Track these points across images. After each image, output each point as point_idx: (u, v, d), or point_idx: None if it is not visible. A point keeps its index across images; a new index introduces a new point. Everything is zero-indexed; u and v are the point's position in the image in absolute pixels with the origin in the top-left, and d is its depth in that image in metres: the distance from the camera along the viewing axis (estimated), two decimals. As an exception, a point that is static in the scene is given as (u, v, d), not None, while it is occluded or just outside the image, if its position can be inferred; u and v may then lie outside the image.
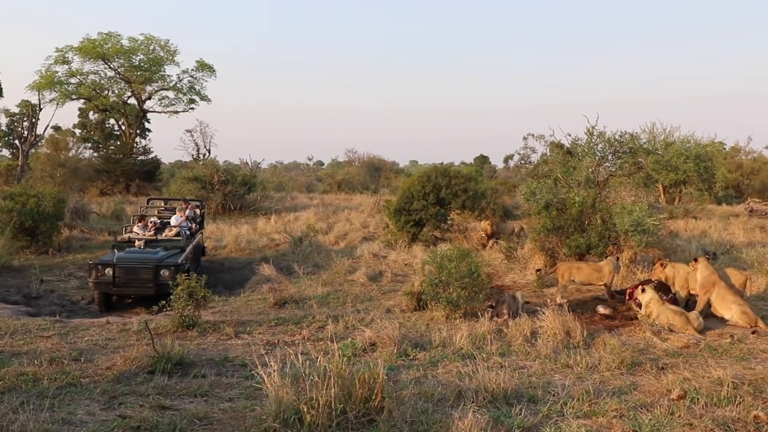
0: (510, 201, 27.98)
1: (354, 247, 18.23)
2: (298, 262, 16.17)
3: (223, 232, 20.96)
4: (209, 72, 43.36)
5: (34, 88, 39.52)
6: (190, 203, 17.20)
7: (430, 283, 10.16)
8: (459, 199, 18.75)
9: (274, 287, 12.54)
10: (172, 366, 6.89)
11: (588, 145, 14.48)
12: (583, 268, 11.52)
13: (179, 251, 13.24)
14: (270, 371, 5.46)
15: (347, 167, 54.86)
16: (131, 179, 36.44)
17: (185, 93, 43.04)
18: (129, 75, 40.64)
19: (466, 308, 9.85)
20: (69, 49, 39.38)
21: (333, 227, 21.84)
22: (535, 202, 14.63)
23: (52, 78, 39.22)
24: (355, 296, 12.18)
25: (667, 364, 7.37)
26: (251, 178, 29.52)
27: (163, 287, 11.60)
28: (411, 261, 15.78)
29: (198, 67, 43.01)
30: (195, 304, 9.36)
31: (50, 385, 6.29)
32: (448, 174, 19.26)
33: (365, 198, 33.86)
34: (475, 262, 10.33)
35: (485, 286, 10.25)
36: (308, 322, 9.70)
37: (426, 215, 18.08)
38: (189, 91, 43.10)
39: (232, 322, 9.44)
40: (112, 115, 43.31)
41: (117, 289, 12.26)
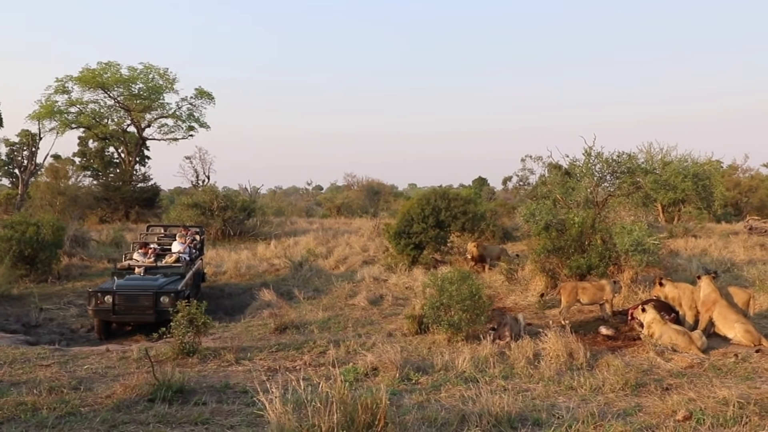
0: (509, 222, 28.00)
1: (354, 271, 18.19)
2: (298, 286, 16.12)
3: (223, 258, 20.92)
4: (208, 99, 43.69)
5: (34, 117, 39.76)
6: (189, 229, 17.19)
7: (432, 306, 10.13)
8: (458, 222, 18.76)
9: (275, 312, 12.51)
10: (173, 394, 6.83)
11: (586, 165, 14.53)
12: (588, 287, 11.49)
13: (179, 278, 13.21)
14: (271, 398, 5.42)
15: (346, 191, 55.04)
16: (131, 206, 36.46)
17: (184, 120, 43.29)
18: (128, 103, 40.92)
19: (468, 331, 9.81)
20: (69, 79, 39.71)
21: (333, 251, 21.81)
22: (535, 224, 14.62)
23: (52, 107, 39.47)
24: (356, 320, 12.13)
25: (672, 384, 7.31)
26: (250, 203, 29.55)
27: (163, 314, 11.54)
28: (411, 284, 15.74)
29: (197, 95, 43.34)
30: (195, 330, 9.31)
31: (49, 415, 6.23)
32: (447, 196, 19.29)
33: (365, 222, 33.86)
34: (476, 285, 10.30)
35: (486, 308, 10.20)
36: (309, 347, 9.64)
37: (426, 238, 18.07)
38: (188, 119, 43.36)
39: (232, 348, 9.38)
40: (112, 143, 43.53)
41: (117, 316, 12.20)
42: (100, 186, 38.67)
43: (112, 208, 36.46)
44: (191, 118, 43.40)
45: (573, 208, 14.71)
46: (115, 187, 37.25)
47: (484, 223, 21.21)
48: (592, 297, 11.44)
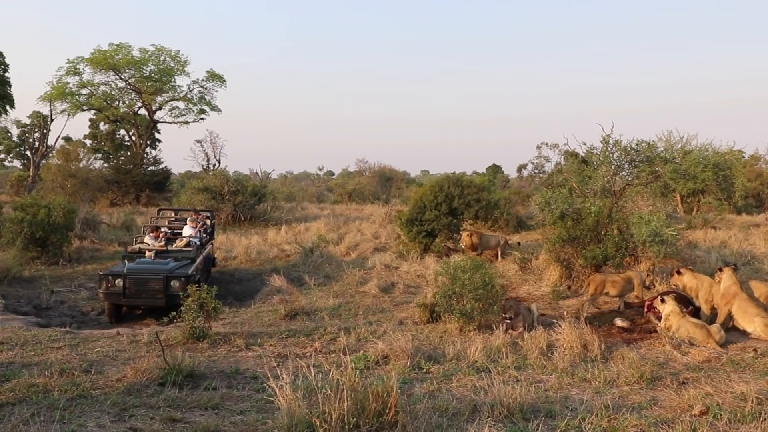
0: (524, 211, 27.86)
1: (365, 258, 18.22)
2: (308, 273, 16.18)
3: (234, 243, 21.01)
4: (219, 82, 43.70)
5: (46, 99, 40.02)
6: (200, 214, 17.26)
7: (444, 294, 10.13)
8: (472, 209, 18.72)
9: (285, 299, 12.56)
10: (183, 378, 6.88)
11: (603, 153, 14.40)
12: (617, 280, 11.43)
13: (189, 262, 13.27)
14: (282, 384, 5.44)
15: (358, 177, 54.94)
16: (141, 190, 36.64)
17: (195, 103, 43.37)
18: (139, 86, 41.02)
19: (481, 320, 9.80)
20: (80, 60, 39.87)
21: (344, 238, 21.84)
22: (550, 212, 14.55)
23: (63, 89, 39.69)
24: (367, 308, 12.16)
25: (688, 378, 7.27)
26: (261, 188, 29.60)
27: (174, 298, 11.61)
28: (423, 272, 15.75)
29: (208, 78, 43.36)
30: (205, 315, 9.37)
31: (60, 397, 6.30)
32: (461, 183, 19.25)
33: (376, 208, 33.86)
34: (489, 273, 10.28)
35: (499, 297, 10.18)
36: (320, 334, 9.69)
37: (438, 225, 18.04)
38: (199, 102, 43.43)
39: (242, 333, 9.44)
40: (123, 126, 43.74)
41: (127, 300, 12.30)
42: (111, 169, 38.88)
43: (123, 191, 36.65)
44: (202, 101, 43.49)
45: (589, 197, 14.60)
46: (126, 170, 37.44)
47: (497, 211, 21.18)
48: (620, 289, 11.40)
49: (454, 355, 8.10)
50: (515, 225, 23.56)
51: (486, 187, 21.13)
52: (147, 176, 37.85)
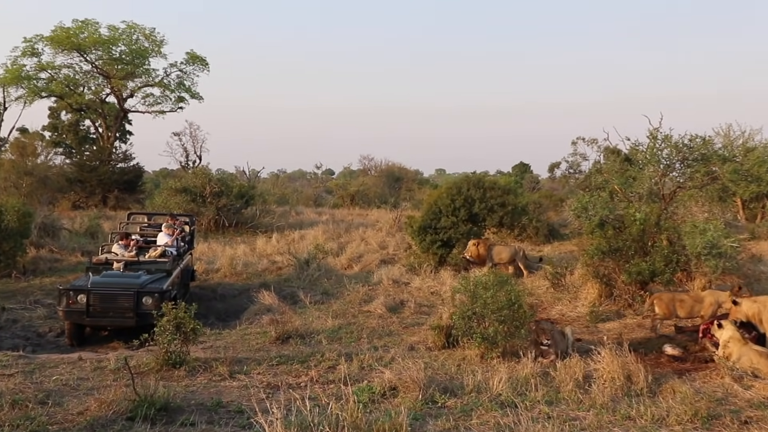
0: (556, 218, 27.83)
1: (370, 271, 18.21)
2: (304, 288, 16.18)
3: (216, 253, 21.05)
4: (201, 65, 43.81)
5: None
6: (177, 219, 17.30)
7: (462, 315, 10.10)
8: (495, 215, 18.69)
9: (276, 319, 12.55)
10: (156, 411, 6.88)
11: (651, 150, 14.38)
12: (686, 299, 11.39)
13: (165, 275, 13.30)
14: (272, 419, 5.43)
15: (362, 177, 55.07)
16: (109, 190, 36.72)
17: (173, 90, 43.49)
18: (108, 69, 41.15)
19: (505, 346, 9.77)
20: (39, 39, 39.91)
21: (345, 248, 21.84)
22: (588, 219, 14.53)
23: (18, 72, 39.72)
24: (372, 330, 12.16)
25: (752, 417, 7.21)
26: (249, 189, 29.65)
27: (146, 317, 11.63)
28: (438, 289, 15.73)
29: (188, 60, 43.46)
30: (183, 337, 9.37)
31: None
32: (483, 185, 19.24)
33: (383, 213, 33.84)
34: (516, 291, 10.25)
35: (527, 319, 10.15)
36: (316, 360, 9.67)
37: (456, 234, 18.03)
38: (177, 88, 43.54)
39: (226, 359, 9.43)
40: (88, 116, 43.83)
41: (91, 319, 12.31)
42: (74, 165, 38.98)
43: (88, 192, 36.74)
44: (181, 88, 43.62)
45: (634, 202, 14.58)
46: (92, 167, 37.50)
47: (525, 217, 21.16)
48: (689, 311, 11.36)
49: (474, 387, 8.07)
50: (546, 234, 23.51)
51: (512, 189, 21.14)
52: (116, 174, 37.93)
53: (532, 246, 22.37)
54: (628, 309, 12.90)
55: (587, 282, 14.12)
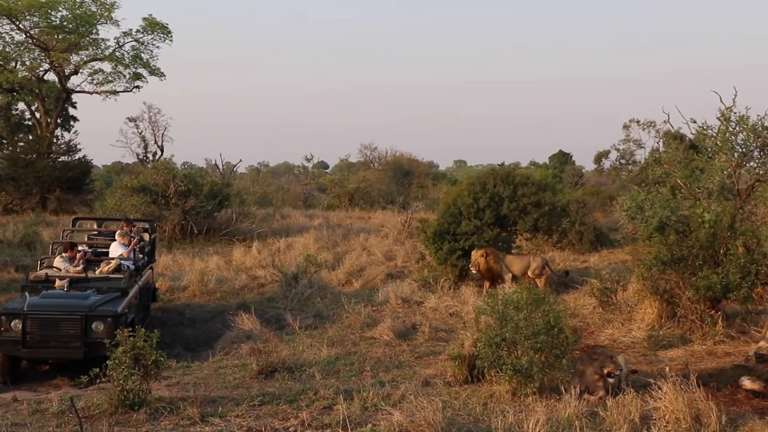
0: (605, 220, 27.84)
1: (374, 288, 18.25)
2: (292, 310, 16.21)
3: (183, 267, 21.08)
4: (162, 34, 43.76)
5: None
6: (135, 225, 17.29)
7: (489, 342, 10.09)
8: (529, 217, 18.68)
9: (258, 348, 12.55)
10: (110, 464, 6.90)
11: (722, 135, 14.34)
12: None
13: (119, 295, 13.28)
14: (254, 473, 5.45)
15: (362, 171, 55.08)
16: (49, 190, 36.68)
17: (127, 65, 43.39)
18: (46, 39, 41.15)
19: (543, 380, 9.77)
20: (-41, 3, 40.01)
21: (343, 259, 21.86)
22: (644, 222, 14.50)
23: (-67, 44, 39.82)
24: (377, 361, 12.18)
25: None
26: (223, 187, 29.69)
27: (96, 348, 11.63)
28: (459, 309, 15.74)
29: (146, 28, 43.39)
30: (143, 372, 9.38)
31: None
32: (513, 180, 19.22)
33: (389, 216, 33.84)
34: (556, 311, 10.25)
35: (570, 346, 10.14)
36: (308, 399, 9.69)
37: (480, 241, 18.01)
38: (133, 63, 43.47)
39: (196, 399, 9.43)
40: (22, 97, 43.72)
41: (28, 350, 12.28)
42: (5, 160, 38.94)
43: (23, 192, 36.70)
44: (137, 62, 43.55)
45: (701, 200, 14.55)
46: (27, 162, 37.43)
47: (566, 219, 21.14)
48: None
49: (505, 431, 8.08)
50: (592, 241, 23.49)
51: (549, 184, 21.14)
52: (57, 170, 37.86)
53: (574, 255, 22.37)
54: (695, 333, 12.87)
55: (644, 299, 14.08)
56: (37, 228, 26.56)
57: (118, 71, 43.52)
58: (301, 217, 35.47)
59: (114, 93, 43.72)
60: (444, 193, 27.51)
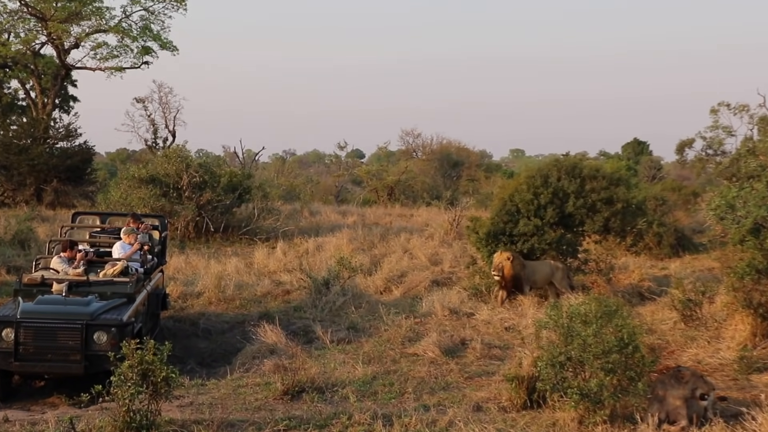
0: (688, 220, 27.58)
1: (417, 297, 18.27)
2: (322, 321, 16.24)
3: (198, 270, 21.20)
4: (175, 3, 44.03)
5: None
6: (142, 221, 17.38)
7: (552, 361, 10.05)
8: (599, 217, 18.54)
9: (284, 364, 12.61)
10: (114, 496, 6.96)
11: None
12: None
13: (125, 302, 13.35)
14: None
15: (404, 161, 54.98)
16: (46, 180, 36.97)
17: (135, 38, 43.63)
18: (44, 8, 41.52)
19: (615, 406, 9.70)
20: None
21: (381, 263, 21.89)
22: (735, 223, 14.36)
23: None
24: (421, 382, 12.17)
25: None
26: (244, 178, 29.79)
27: (99, 362, 11.74)
28: (516, 322, 15.69)
29: (157, -5, 43.71)
30: (151, 390, 9.44)
31: None
32: (580, 172, 19.09)
33: (435, 213, 33.84)
34: (630, 326, 10.17)
35: (648, 367, 10.07)
36: (342, 425, 9.74)
37: (541, 244, 17.94)
38: (142, 35, 43.69)
39: (212, 422, 9.51)
40: (15, 74, 44.19)
41: (21, 363, 12.37)
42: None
43: (15, 183, 37.08)
44: (147, 35, 43.76)
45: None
46: (20, 148, 37.76)
47: (642, 219, 20.94)
48: None
49: (571, 466, 8.05)
50: (672, 244, 23.30)
51: (623, 178, 20.95)
52: (55, 158, 38.13)
53: (652, 261, 22.21)
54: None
55: (735, 314, 13.95)
56: (32, 224, 26.73)
57: (124, 44, 43.62)
58: (332, 213, 35.54)
59: (120, 69, 43.88)
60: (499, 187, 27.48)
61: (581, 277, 18.72)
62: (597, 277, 18.63)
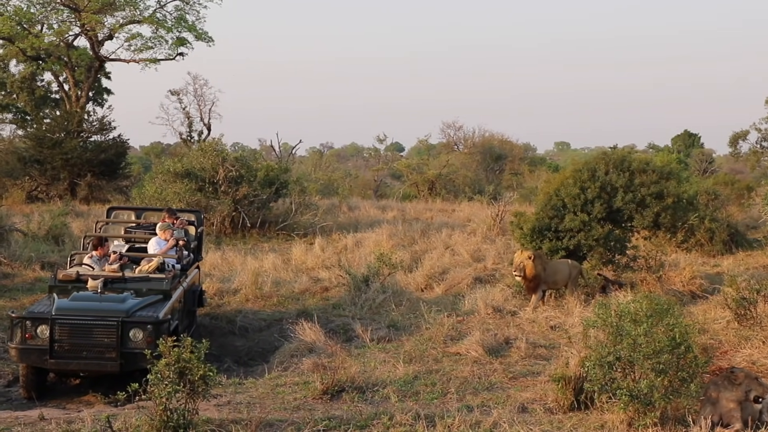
0: (741, 215, 27.31)
1: (459, 294, 18.24)
2: (362, 319, 16.25)
3: (234, 266, 21.31)
4: (212, -7, 44.18)
5: None
6: (178, 217, 17.44)
7: (600, 361, 10.00)
8: (648, 212, 18.43)
9: (323, 363, 12.63)
10: (152, 496, 7.01)
11: None
12: None
13: (161, 299, 13.42)
14: None
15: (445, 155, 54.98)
16: (80, 174, 37.19)
17: (170, 29, 43.82)
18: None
19: (666, 408, 9.65)
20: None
21: (422, 260, 21.88)
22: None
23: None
24: (464, 382, 12.15)
25: None
26: (281, 172, 29.87)
27: (135, 359, 11.83)
28: (562, 321, 15.63)
29: (193, -15, 43.88)
30: (189, 389, 9.48)
31: None
32: (629, 166, 19.00)
33: (478, 208, 33.74)
34: (682, 326, 10.10)
35: (701, 368, 10.00)
36: (382, 425, 9.74)
37: (588, 240, 17.86)
38: (176, 26, 43.88)
39: (250, 422, 9.55)
40: (49, 66, 44.51)
41: (56, 361, 12.42)
42: (29, 139, 39.67)
43: (49, 177, 37.35)
44: (181, 25, 43.96)
45: None
46: (54, 142, 38.00)
47: (694, 215, 20.79)
48: None
49: (620, 470, 8.01)
50: (725, 240, 23.08)
51: (673, 172, 20.77)
52: (89, 152, 38.36)
53: (703, 257, 22.01)
54: None
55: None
56: (66, 219, 26.94)
57: (158, 36, 43.93)
58: (371, 208, 35.58)
59: (154, 61, 44.16)
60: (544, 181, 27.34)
61: (630, 275, 18.60)
62: (646, 274, 18.50)
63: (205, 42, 44.36)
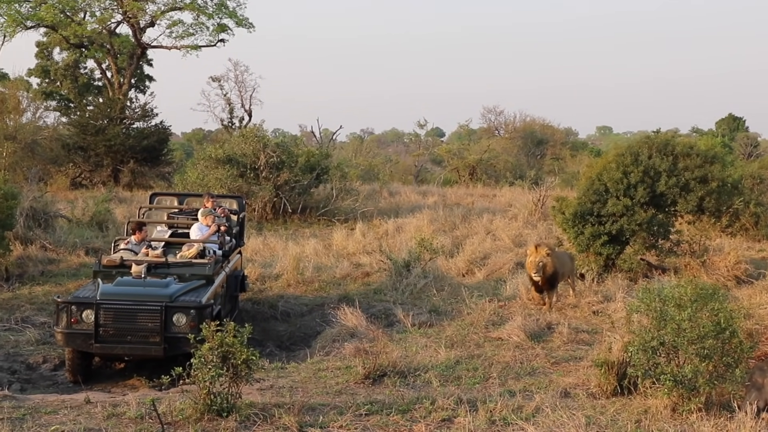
0: (788, 200, 26.95)
1: (501, 279, 18.20)
2: (403, 304, 16.25)
3: (276, 252, 21.38)
4: (251, -22, 44.18)
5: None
6: (220, 203, 17.49)
7: (643, 346, 9.94)
8: (692, 196, 18.26)
9: (364, 348, 12.64)
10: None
11: None
12: None
13: (204, 284, 13.49)
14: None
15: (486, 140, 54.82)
16: (123, 161, 37.49)
17: (211, 15, 43.92)
18: (119, -14, 42.03)
19: (711, 393, 9.58)
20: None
21: (463, 245, 21.84)
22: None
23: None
24: (506, 367, 12.13)
25: None
26: (322, 158, 29.93)
27: (178, 344, 11.93)
28: (604, 306, 15.54)
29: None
30: (232, 373, 9.54)
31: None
32: (672, 150, 18.84)
33: (519, 194, 33.62)
34: (727, 310, 10.00)
35: (746, 353, 9.90)
36: (425, 410, 9.73)
37: (631, 225, 17.73)
38: (217, 12, 43.99)
39: (293, 406, 9.57)
40: (92, 54, 44.73)
41: (102, 345, 12.54)
42: (73, 126, 39.95)
43: (93, 164, 37.59)
44: (222, 12, 44.05)
45: None
46: (97, 129, 38.26)
47: (739, 199, 20.57)
48: None
49: (664, 455, 7.96)
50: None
51: (718, 155, 20.55)
52: (132, 138, 38.62)
53: (748, 242, 21.80)
54: None
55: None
56: (110, 205, 27.13)
57: (200, 22, 44.04)
58: (412, 194, 35.53)
59: (195, 48, 44.33)
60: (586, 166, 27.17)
61: (673, 260, 18.45)
62: (690, 259, 18.37)
63: (246, 28, 44.47)
